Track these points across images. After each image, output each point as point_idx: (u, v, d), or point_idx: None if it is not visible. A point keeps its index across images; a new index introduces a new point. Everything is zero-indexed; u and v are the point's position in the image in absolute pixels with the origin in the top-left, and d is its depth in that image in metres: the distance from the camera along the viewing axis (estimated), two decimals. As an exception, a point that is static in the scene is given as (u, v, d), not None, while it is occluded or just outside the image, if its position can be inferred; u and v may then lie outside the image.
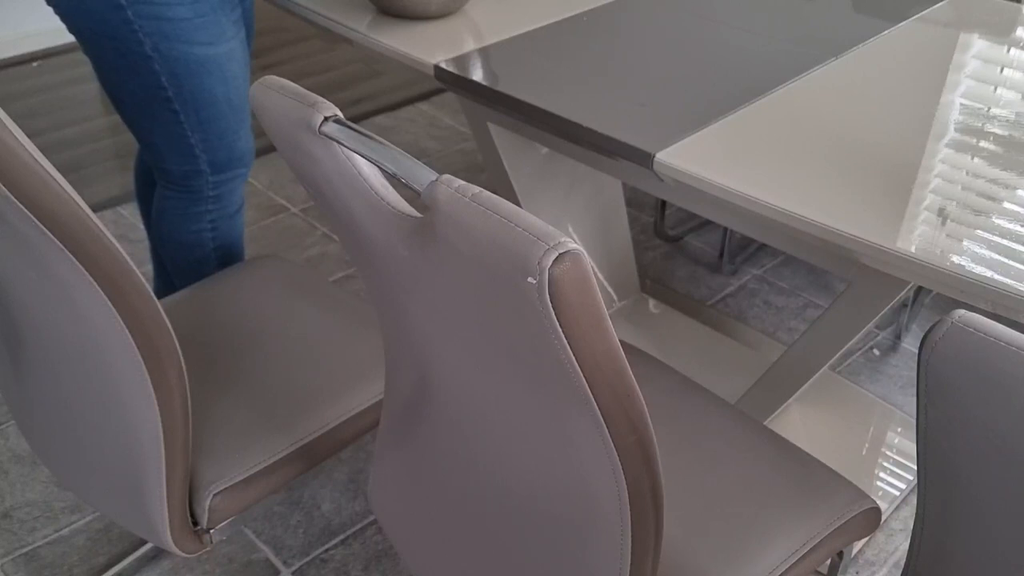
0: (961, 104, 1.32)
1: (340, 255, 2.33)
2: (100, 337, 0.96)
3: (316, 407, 1.22)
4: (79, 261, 0.88)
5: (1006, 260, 1.00)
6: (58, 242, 0.86)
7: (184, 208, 1.57)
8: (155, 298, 0.95)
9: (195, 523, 1.14)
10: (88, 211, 0.88)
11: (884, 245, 1.03)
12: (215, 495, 1.12)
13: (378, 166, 0.79)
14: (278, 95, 0.85)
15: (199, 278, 1.50)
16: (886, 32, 1.55)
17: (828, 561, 1.16)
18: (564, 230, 1.57)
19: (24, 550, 1.57)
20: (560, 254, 0.64)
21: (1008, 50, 1.50)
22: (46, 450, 1.23)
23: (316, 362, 1.28)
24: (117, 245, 0.90)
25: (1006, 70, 1.44)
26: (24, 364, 1.14)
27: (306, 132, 0.82)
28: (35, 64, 3.27)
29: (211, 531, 1.15)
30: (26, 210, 0.84)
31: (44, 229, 0.86)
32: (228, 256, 1.65)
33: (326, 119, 0.81)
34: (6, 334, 1.14)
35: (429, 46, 1.49)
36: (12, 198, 0.84)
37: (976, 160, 1.19)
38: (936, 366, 0.69)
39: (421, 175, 0.74)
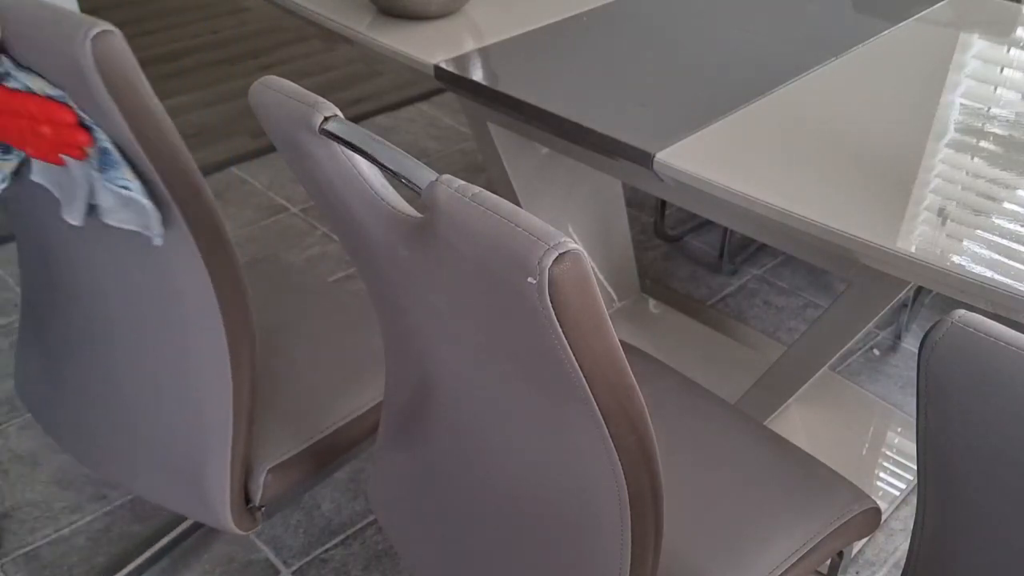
0: (961, 104, 1.32)
1: (340, 255, 2.32)
2: (188, 314, 0.98)
3: (316, 407, 1.22)
4: (186, 223, 0.91)
5: (1006, 260, 1.00)
6: (172, 201, 0.89)
7: None
8: (240, 266, 0.98)
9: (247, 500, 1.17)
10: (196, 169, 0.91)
11: (884, 245, 1.03)
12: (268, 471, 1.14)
13: (378, 166, 0.79)
14: (278, 95, 0.85)
15: None
16: (886, 32, 1.55)
17: (828, 561, 1.16)
18: (564, 230, 1.57)
19: (24, 550, 1.57)
20: (560, 254, 0.64)
21: (1008, 50, 1.50)
22: (81, 442, 1.24)
23: (316, 362, 1.28)
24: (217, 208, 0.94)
25: (1006, 70, 1.44)
26: (69, 358, 1.14)
27: (306, 132, 0.82)
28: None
29: (262, 508, 1.17)
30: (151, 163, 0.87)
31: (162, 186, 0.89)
32: None
33: (326, 119, 0.81)
34: (55, 333, 1.14)
35: (429, 46, 1.49)
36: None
37: (976, 160, 1.19)
38: (936, 366, 0.69)
39: (421, 175, 0.74)
